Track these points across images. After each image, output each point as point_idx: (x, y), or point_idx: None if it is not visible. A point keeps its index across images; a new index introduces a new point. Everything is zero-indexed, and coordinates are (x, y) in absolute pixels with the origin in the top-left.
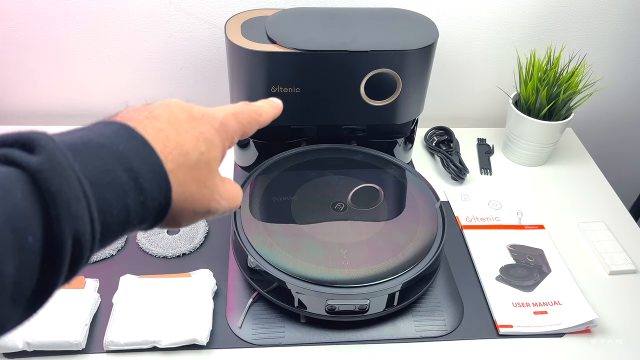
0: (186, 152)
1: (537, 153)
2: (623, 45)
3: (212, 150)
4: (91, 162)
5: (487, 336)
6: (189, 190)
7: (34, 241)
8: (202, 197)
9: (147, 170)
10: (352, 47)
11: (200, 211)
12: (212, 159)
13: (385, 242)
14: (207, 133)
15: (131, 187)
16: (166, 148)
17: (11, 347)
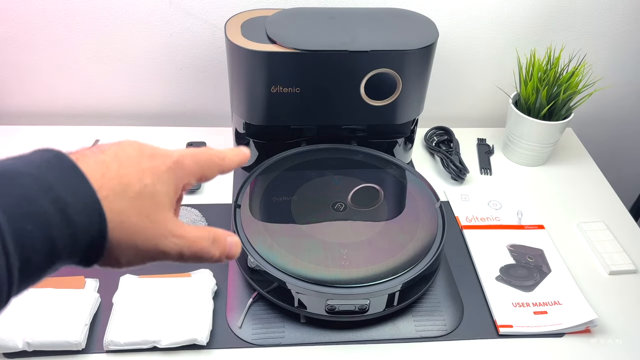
0: (127, 182)
1: (537, 153)
2: (623, 45)
3: (159, 185)
4: (9, 192)
5: (487, 336)
6: (128, 221)
7: None
8: (145, 230)
9: (77, 201)
10: (352, 47)
11: (143, 248)
12: (160, 193)
13: (385, 242)
14: (156, 169)
15: (57, 218)
16: (104, 177)
17: (11, 347)
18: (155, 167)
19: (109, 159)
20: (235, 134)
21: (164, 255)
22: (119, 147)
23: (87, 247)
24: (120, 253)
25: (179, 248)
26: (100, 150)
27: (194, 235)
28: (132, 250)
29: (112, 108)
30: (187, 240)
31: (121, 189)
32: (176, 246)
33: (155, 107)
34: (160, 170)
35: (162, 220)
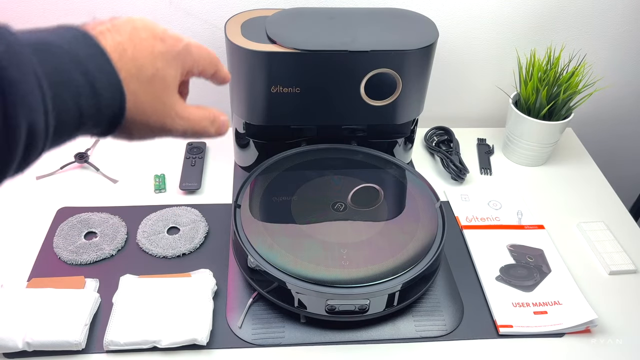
0: (141, 65)
1: (537, 153)
2: (623, 45)
3: (168, 69)
4: (49, 61)
5: (487, 336)
6: (140, 101)
7: None
8: (155, 110)
9: (103, 78)
10: (352, 47)
11: (154, 126)
12: (169, 77)
13: (385, 242)
14: (167, 53)
15: (86, 90)
16: (122, 59)
17: (11, 347)
18: (166, 51)
19: (125, 41)
20: (235, 134)
21: (170, 133)
22: (133, 28)
23: (108, 119)
24: (134, 128)
25: (184, 128)
26: (116, 30)
27: (197, 116)
28: (144, 126)
29: None
30: (190, 122)
31: (136, 72)
32: (181, 127)
33: None
34: (171, 55)
35: (170, 102)
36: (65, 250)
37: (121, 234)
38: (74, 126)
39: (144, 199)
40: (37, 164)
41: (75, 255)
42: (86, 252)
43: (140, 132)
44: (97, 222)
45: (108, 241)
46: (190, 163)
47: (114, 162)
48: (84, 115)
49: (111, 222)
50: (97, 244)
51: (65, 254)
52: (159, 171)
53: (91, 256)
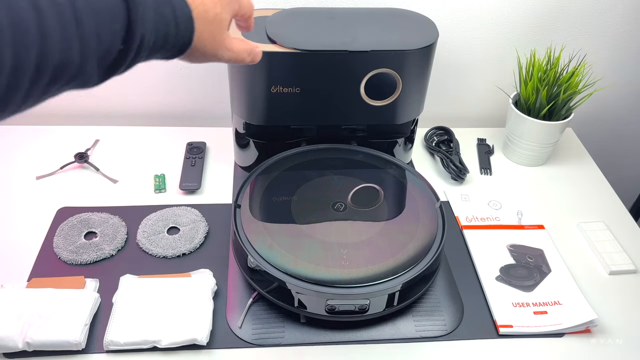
0: (206, 9)
1: (537, 153)
2: (623, 45)
3: (224, 13)
4: None
5: (487, 336)
6: (202, 38)
7: (120, 29)
8: (211, 45)
9: (183, 17)
10: (352, 47)
11: (209, 54)
12: (224, 19)
13: (385, 242)
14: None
15: (172, 22)
16: (194, 2)
17: (11, 347)
18: None
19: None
20: (235, 134)
21: (219, 59)
22: None
23: (182, 42)
24: (195, 55)
25: (228, 57)
26: None
27: (239, 48)
28: (201, 54)
29: (112, 108)
30: (234, 53)
31: (204, 13)
32: (227, 56)
33: (155, 107)
34: (226, 2)
35: (222, 38)
36: (65, 250)
37: (121, 234)
38: (161, 46)
39: (144, 199)
40: (37, 164)
41: (75, 255)
42: (86, 252)
43: (198, 58)
44: (97, 222)
45: (108, 241)
46: (190, 163)
47: (114, 162)
48: (169, 40)
49: (111, 222)
50: (97, 244)
51: (65, 254)
52: (159, 171)
53: (91, 256)
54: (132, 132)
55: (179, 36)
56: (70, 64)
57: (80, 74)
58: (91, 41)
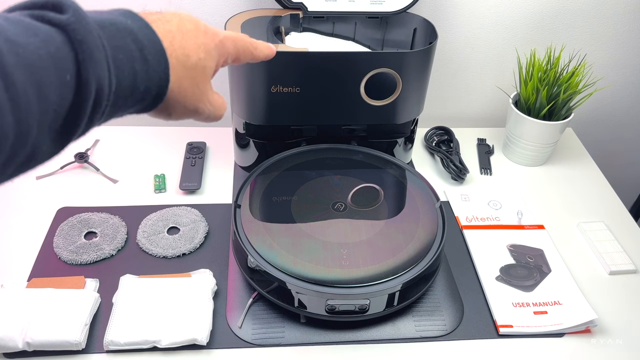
0: (188, 54)
1: (537, 153)
2: (623, 45)
3: (209, 59)
4: (107, 28)
5: (487, 336)
6: (183, 86)
7: (70, 79)
8: (193, 95)
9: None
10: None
11: (189, 108)
12: (208, 67)
13: (385, 242)
14: (207, 45)
15: (138, 55)
16: (172, 46)
17: (11, 347)
18: (207, 43)
19: (174, 30)
20: (235, 134)
21: (199, 115)
22: (180, 20)
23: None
24: (173, 108)
25: (209, 112)
26: (166, 20)
27: (220, 104)
28: (181, 107)
29: None
30: (215, 108)
31: (183, 59)
32: (208, 111)
33: None
34: (210, 47)
35: (205, 89)
36: (65, 250)
37: (121, 234)
38: (128, 91)
39: (144, 199)
40: None
41: (75, 255)
42: (86, 252)
43: (177, 112)
44: (97, 222)
45: (108, 241)
46: (190, 163)
47: (114, 162)
48: (137, 79)
49: (111, 222)
50: (97, 244)
51: (65, 254)
52: (159, 171)
53: (91, 256)
54: (132, 132)
55: (150, 73)
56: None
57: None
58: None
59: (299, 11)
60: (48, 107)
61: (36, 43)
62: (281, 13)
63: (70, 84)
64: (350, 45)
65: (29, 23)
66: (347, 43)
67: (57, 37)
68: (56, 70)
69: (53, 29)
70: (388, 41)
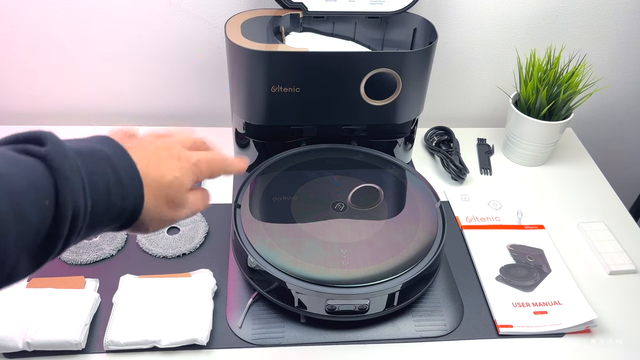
0: (163, 174)
1: (537, 153)
2: (623, 45)
3: (185, 177)
4: (84, 155)
5: (487, 336)
6: (159, 202)
7: (49, 204)
8: (169, 209)
9: (126, 171)
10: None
11: (166, 220)
12: (185, 183)
13: (385, 242)
14: (182, 167)
15: (113, 178)
16: (147, 168)
17: (11, 347)
18: (182, 166)
19: (149, 155)
20: (235, 134)
21: (175, 221)
22: (155, 147)
23: (131, 210)
24: (149, 223)
25: (186, 214)
26: (142, 147)
27: (195, 202)
28: (157, 221)
29: (112, 108)
30: (192, 208)
31: (158, 178)
32: (185, 214)
33: (155, 107)
34: (185, 168)
35: (181, 202)
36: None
37: (121, 234)
38: (104, 212)
39: None
40: None
41: (75, 255)
42: (86, 252)
43: (154, 226)
44: None
45: (108, 241)
46: None
47: None
48: (112, 200)
49: None
50: (97, 243)
51: (65, 253)
52: None
53: (91, 256)
54: None
55: (125, 194)
56: None
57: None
58: (8, 228)
59: (299, 11)
60: (28, 230)
61: (18, 174)
62: (281, 13)
63: (50, 208)
64: (350, 45)
65: (12, 156)
66: (347, 43)
67: (37, 167)
68: (36, 196)
69: (34, 160)
70: (388, 41)
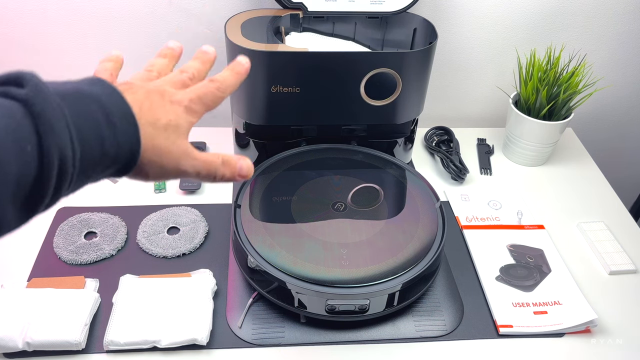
0: (157, 117)
1: (537, 153)
2: (623, 45)
3: (180, 119)
4: (70, 97)
5: (487, 336)
6: (157, 144)
7: (31, 149)
8: (170, 152)
9: (119, 113)
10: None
11: (168, 167)
12: (181, 125)
13: (385, 242)
14: (176, 110)
15: (104, 120)
16: (141, 111)
17: (11, 347)
18: (175, 110)
19: (141, 99)
20: (235, 134)
21: (184, 173)
22: (146, 91)
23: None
24: (150, 169)
25: (195, 168)
26: (133, 91)
27: (207, 158)
28: (158, 167)
29: None
30: (201, 162)
31: (153, 121)
32: (193, 167)
33: None
34: (179, 111)
35: (183, 145)
36: (65, 250)
37: (121, 234)
38: (97, 157)
39: (144, 199)
40: None
41: (75, 255)
42: (86, 252)
43: (155, 173)
44: (97, 222)
45: (108, 241)
46: None
47: None
48: (105, 144)
49: (111, 222)
50: (97, 244)
51: (65, 254)
52: None
53: (91, 256)
54: None
55: (119, 137)
56: None
57: None
58: None
59: (299, 11)
60: (7, 178)
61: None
62: (281, 13)
63: (32, 155)
64: (350, 45)
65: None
66: (347, 43)
67: (17, 110)
68: (14, 142)
69: (14, 103)
70: (388, 41)
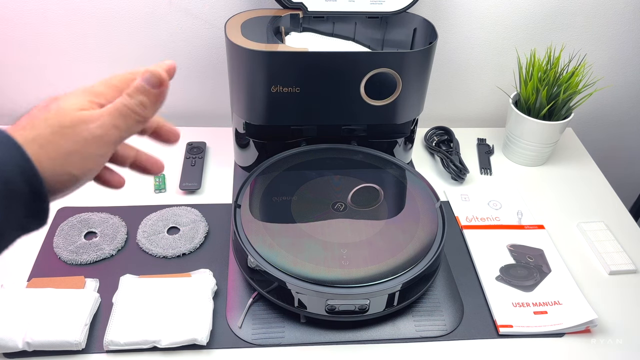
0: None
1: (537, 153)
2: (623, 45)
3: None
4: None
5: (487, 336)
6: (42, 139)
7: None
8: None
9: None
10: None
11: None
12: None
13: (385, 242)
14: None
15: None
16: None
17: (11, 347)
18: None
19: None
20: (235, 134)
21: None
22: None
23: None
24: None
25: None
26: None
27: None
28: (61, 158)
29: None
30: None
31: (30, 126)
32: (100, 126)
33: None
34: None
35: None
36: (65, 250)
37: (121, 234)
38: None
39: (144, 199)
40: None
41: (75, 255)
42: (86, 252)
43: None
44: (97, 222)
45: (108, 241)
46: (190, 163)
47: None
48: None
49: (111, 222)
50: (97, 244)
51: (65, 254)
52: None
53: (91, 256)
54: None
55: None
56: None
57: None
58: None
59: (299, 11)
60: None
61: None
62: (281, 13)
63: None
64: (350, 45)
65: None
66: (347, 43)
67: None
68: None
69: None
70: (388, 41)
